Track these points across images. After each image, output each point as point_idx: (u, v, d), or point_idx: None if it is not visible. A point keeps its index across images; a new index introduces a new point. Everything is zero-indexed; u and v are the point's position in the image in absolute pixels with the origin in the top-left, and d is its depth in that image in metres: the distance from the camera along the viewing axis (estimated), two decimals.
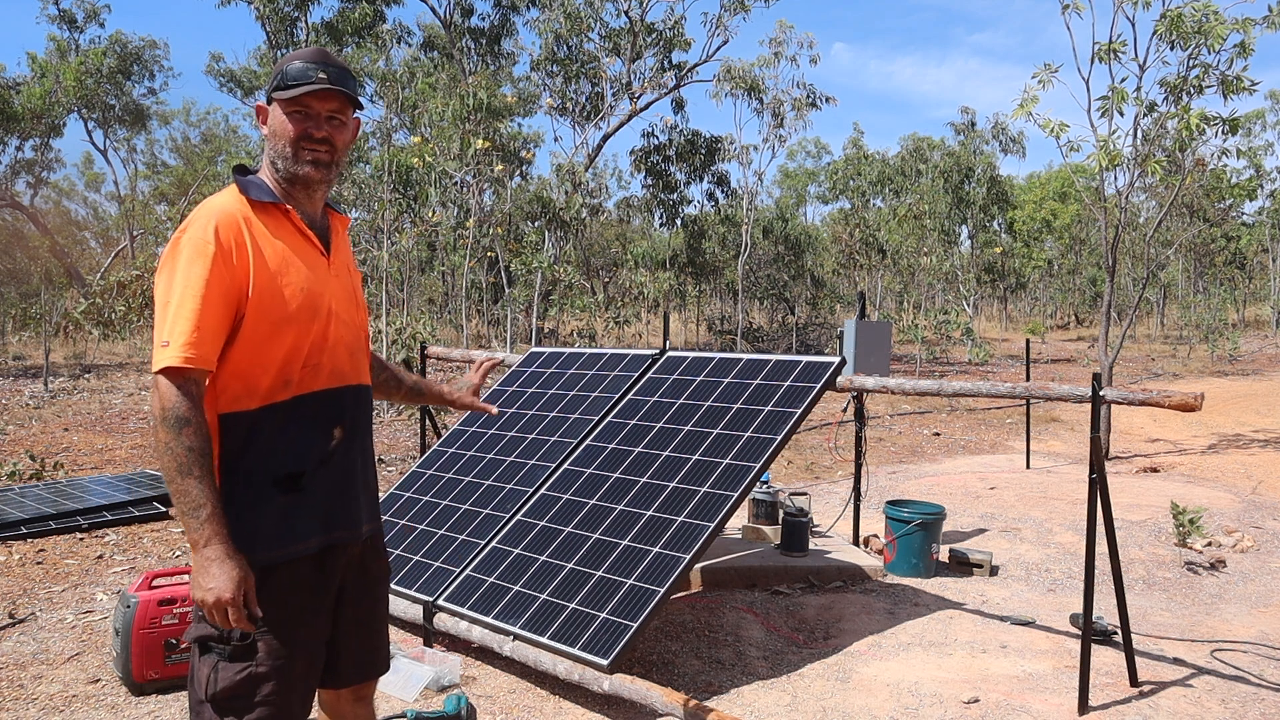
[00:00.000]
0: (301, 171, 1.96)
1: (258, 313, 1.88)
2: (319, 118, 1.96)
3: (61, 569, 5.11)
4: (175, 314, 1.81)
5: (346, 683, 2.13)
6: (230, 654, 1.86)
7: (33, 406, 11.45)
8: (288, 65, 1.96)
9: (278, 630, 1.89)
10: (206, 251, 1.83)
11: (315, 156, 1.96)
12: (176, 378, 1.79)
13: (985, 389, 3.98)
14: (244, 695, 1.86)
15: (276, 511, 1.91)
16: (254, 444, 1.91)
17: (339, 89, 1.95)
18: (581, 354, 5.43)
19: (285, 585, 1.92)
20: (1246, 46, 8.35)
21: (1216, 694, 3.66)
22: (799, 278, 25.26)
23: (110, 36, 27.85)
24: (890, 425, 11.36)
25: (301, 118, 1.95)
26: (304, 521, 1.94)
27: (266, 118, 1.99)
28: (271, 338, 1.90)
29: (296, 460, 1.94)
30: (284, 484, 1.92)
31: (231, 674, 1.86)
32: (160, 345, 1.81)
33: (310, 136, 1.95)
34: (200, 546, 1.77)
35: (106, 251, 32.10)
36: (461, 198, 16.49)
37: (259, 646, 1.87)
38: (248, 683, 1.86)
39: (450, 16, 22.72)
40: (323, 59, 1.96)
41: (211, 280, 1.82)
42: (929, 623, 4.40)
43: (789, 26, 19.75)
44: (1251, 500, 7.17)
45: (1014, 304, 39.46)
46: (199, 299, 1.81)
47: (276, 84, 1.96)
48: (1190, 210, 27.99)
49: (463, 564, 4.13)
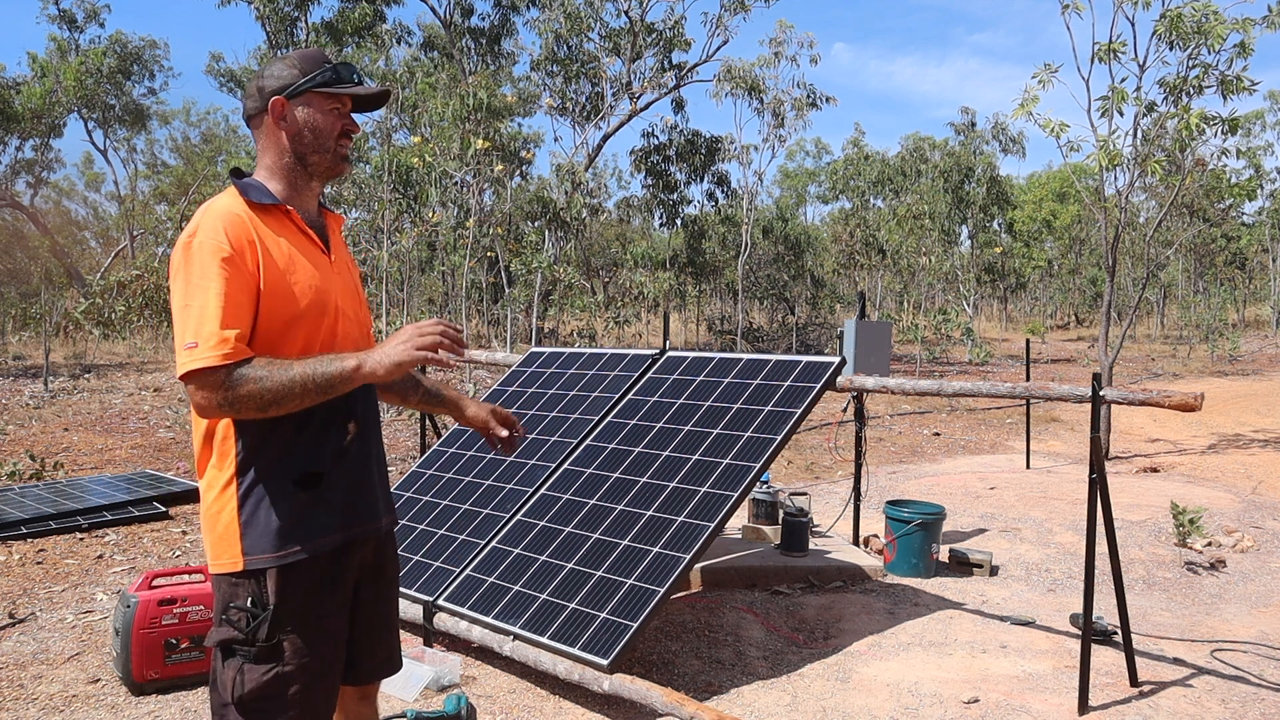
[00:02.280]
0: (340, 167, 2.03)
1: (269, 312, 1.88)
2: (349, 115, 2.04)
3: (61, 569, 5.11)
4: (199, 315, 1.77)
5: (364, 681, 2.13)
6: (255, 655, 1.85)
7: (33, 406, 11.45)
8: (325, 66, 1.99)
9: (302, 629, 1.89)
10: (221, 252, 1.82)
11: (347, 152, 2.04)
12: (209, 376, 1.75)
13: (985, 389, 3.98)
14: (272, 696, 1.85)
15: (298, 509, 1.91)
16: (272, 443, 1.90)
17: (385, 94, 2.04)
18: (581, 354, 5.43)
19: (308, 583, 1.91)
20: (1246, 46, 8.35)
21: (1216, 694, 3.66)
22: (799, 278, 25.27)
23: (110, 36, 27.88)
24: (890, 425, 11.36)
25: (342, 114, 2.01)
26: (324, 518, 1.94)
27: (286, 112, 1.96)
28: (284, 336, 1.90)
29: (315, 458, 1.94)
30: (304, 482, 1.92)
31: (258, 675, 1.85)
32: (186, 348, 1.76)
33: (349, 134, 2.02)
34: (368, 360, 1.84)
35: (106, 251, 32.10)
36: (461, 198, 16.49)
37: (284, 646, 1.86)
38: (275, 683, 1.85)
39: (450, 16, 22.71)
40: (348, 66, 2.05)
41: (228, 278, 1.81)
42: (929, 623, 4.40)
43: (789, 26, 19.76)
44: (1251, 500, 7.17)
45: (1014, 304, 39.46)
46: (221, 296, 1.79)
47: (324, 79, 1.97)
48: (1190, 210, 27.98)
49: (463, 564, 4.13)
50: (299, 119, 1.96)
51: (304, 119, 1.96)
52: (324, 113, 1.98)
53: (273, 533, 1.88)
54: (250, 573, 1.87)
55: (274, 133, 1.97)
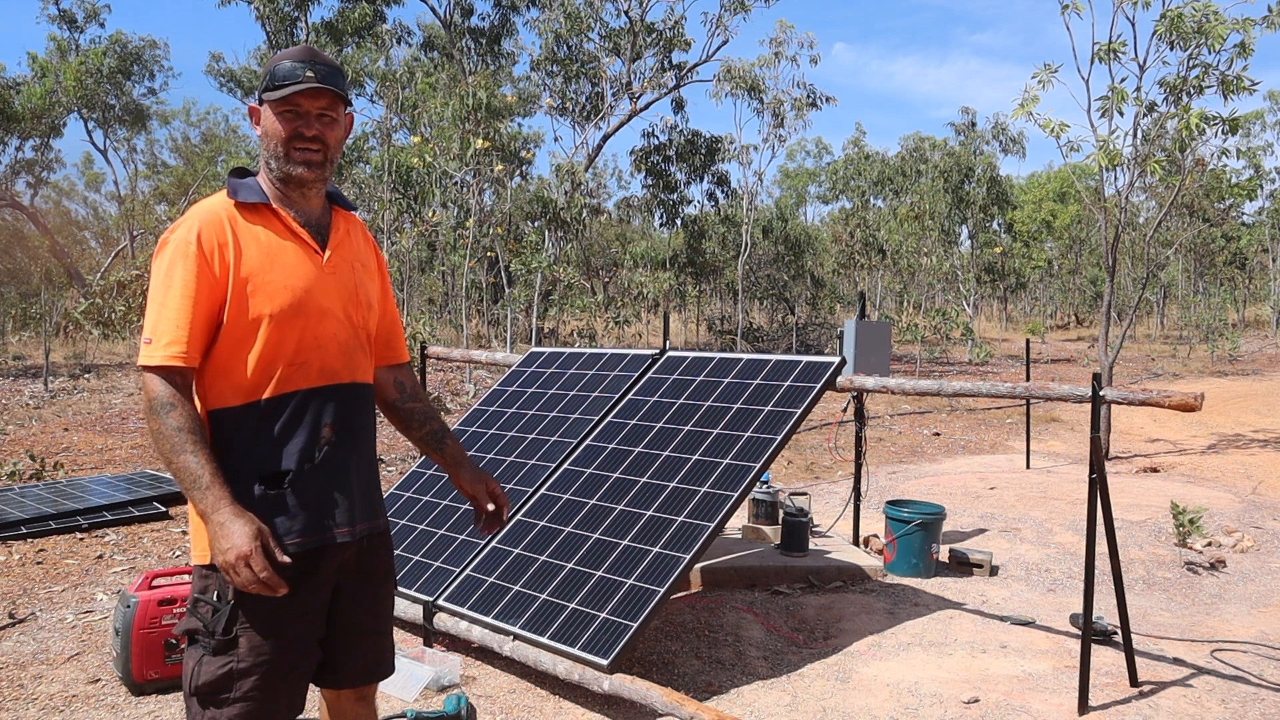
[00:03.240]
0: (295, 172, 1.98)
1: (239, 311, 1.92)
2: (309, 116, 1.98)
3: (61, 569, 5.11)
4: (159, 313, 1.88)
5: (349, 685, 2.13)
6: (213, 648, 1.89)
7: (33, 406, 11.46)
8: (276, 66, 1.97)
9: (259, 626, 1.90)
10: (188, 252, 1.89)
11: (307, 156, 1.98)
12: (160, 373, 1.86)
13: (985, 389, 3.98)
14: (225, 690, 1.89)
15: (261, 509, 1.92)
16: (238, 440, 1.93)
17: (327, 86, 1.96)
18: (581, 354, 5.43)
19: None
20: (1246, 46, 8.35)
21: (1216, 694, 3.66)
22: (799, 278, 25.26)
23: (110, 36, 27.85)
24: (890, 425, 11.36)
25: (292, 117, 1.97)
26: (289, 521, 1.94)
27: (259, 119, 2.02)
28: (253, 335, 1.93)
29: (281, 458, 1.95)
30: (268, 481, 1.93)
31: (214, 668, 1.89)
32: (145, 342, 1.89)
33: (301, 135, 1.97)
34: (210, 515, 1.81)
35: (106, 251, 32.09)
36: (461, 198, 16.49)
37: (240, 642, 1.89)
38: (227, 678, 1.89)
39: (450, 16, 22.72)
40: (310, 57, 1.97)
41: (191, 280, 1.88)
42: (929, 623, 4.40)
43: (789, 26, 19.77)
44: (1251, 500, 7.17)
45: (1014, 304, 39.46)
46: (180, 298, 1.88)
47: (266, 85, 1.98)
48: (1190, 210, 27.98)
49: (463, 564, 4.13)
50: (263, 125, 2.01)
51: (263, 125, 2.01)
52: (272, 119, 1.98)
53: None
54: (215, 565, 1.89)
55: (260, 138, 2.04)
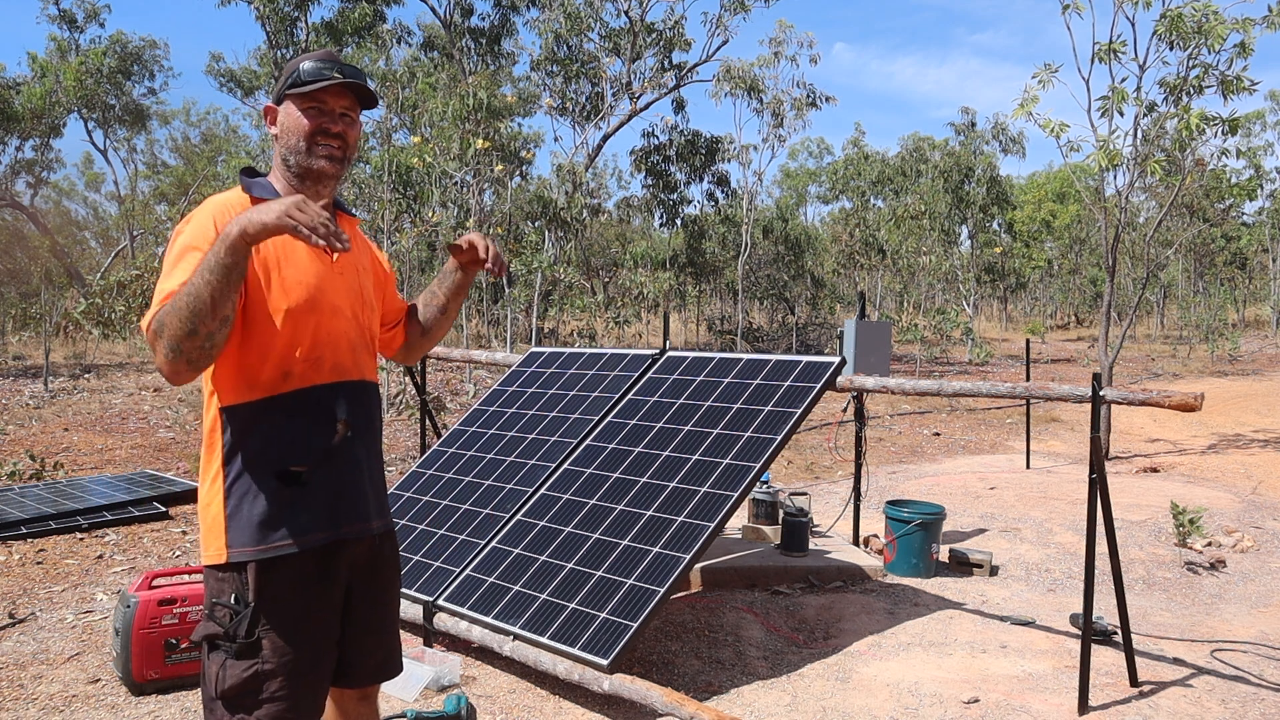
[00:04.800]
0: (316, 165, 2.01)
1: (255, 304, 1.92)
2: (333, 114, 2.02)
3: (61, 569, 5.11)
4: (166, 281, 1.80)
5: (359, 684, 2.13)
6: (236, 651, 1.88)
7: (33, 406, 11.45)
8: (301, 64, 2.01)
9: (281, 627, 1.90)
10: (206, 235, 1.87)
11: (329, 151, 2.01)
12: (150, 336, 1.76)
13: (985, 389, 3.98)
14: (253, 692, 1.88)
15: (278, 504, 1.92)
16: (255, 436, 1.93)
17: (356, 82, 2.01)
18: (581, 354, 5.43)
19: (288, 581, 1.93)
20: (1246, 46, 8.35)
21: (1216, 694, 3.66)
22: (799, 278, 25.25)
23: (110, 36, 27.86)
24: (890, 425, 11.36)
25: (317, 113, 2.00)
26: (307, 515, 1.95)
27: (275, 118, 2.04)
28: (269, 329, 1.93)
29: (299, 454, 1.95)
30: (286, 477, 1.94)
31: (239, 671, 1.88)
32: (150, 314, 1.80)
33: (326, 131, 2.00)
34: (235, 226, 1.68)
35: (106, 251, 32.08)
36: (461, 198, 16.49)
37: (263, 644, 1.89)
38: (254, 680, 1.88)
39: (450, 16, 22.71)
40: (334, 59, 2.03)
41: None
42: (929, 623, 4.40)
43: (789, 26, 19.75)
44: (1251, 500, 7.17)
45: (1014, 304, 39.45)
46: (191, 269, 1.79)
47: (291, 82, 2.00)
48: (1190, 210, 27.98)
49: (463, 564, 4.13)
50: (281, 123, 2.03)
51: (281, 122, 2.02)
52: (296, 114, 2.00)
53: (254, 526, 1.90)
54: (233, 566, 1.90)
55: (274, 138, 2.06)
